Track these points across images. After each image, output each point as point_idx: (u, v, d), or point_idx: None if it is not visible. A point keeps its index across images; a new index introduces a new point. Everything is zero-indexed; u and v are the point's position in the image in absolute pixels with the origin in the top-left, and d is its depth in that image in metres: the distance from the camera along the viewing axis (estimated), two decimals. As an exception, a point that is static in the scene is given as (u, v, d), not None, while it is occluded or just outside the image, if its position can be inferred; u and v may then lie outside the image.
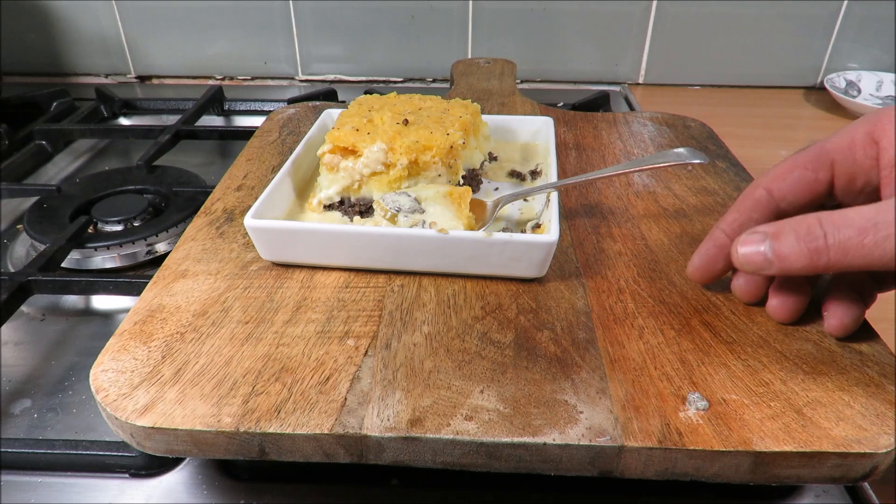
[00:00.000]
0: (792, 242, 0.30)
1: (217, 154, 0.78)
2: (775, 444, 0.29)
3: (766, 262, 0.31)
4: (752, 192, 0.34)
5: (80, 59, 0.95)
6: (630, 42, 0.92)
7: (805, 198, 0.33)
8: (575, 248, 0.43)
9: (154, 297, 0.39)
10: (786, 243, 0.30)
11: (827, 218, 0.29)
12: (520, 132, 0.56)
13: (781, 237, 0.30)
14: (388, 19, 0.91)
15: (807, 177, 0.32)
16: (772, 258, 0.30)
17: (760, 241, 0.31)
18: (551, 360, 0.34)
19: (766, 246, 0.30)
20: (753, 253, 0.31)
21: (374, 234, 0.39)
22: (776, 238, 0.30)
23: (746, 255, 0.31)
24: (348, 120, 0.47)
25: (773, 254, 0.30)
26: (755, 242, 0.31)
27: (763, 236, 0.31)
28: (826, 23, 0.88)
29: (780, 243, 0.30)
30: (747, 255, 0.31)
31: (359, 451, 0.30)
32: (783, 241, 0.30)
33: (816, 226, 0.29)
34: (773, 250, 0.30)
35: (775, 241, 0.30)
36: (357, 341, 0.35)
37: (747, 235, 0.31)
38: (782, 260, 0.30)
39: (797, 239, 0.29)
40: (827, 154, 0.32)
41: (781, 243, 0.30)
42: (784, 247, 0.30)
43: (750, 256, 0.31)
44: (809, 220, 0.29)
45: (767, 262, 0.31)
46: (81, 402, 0.42)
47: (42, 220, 0.57)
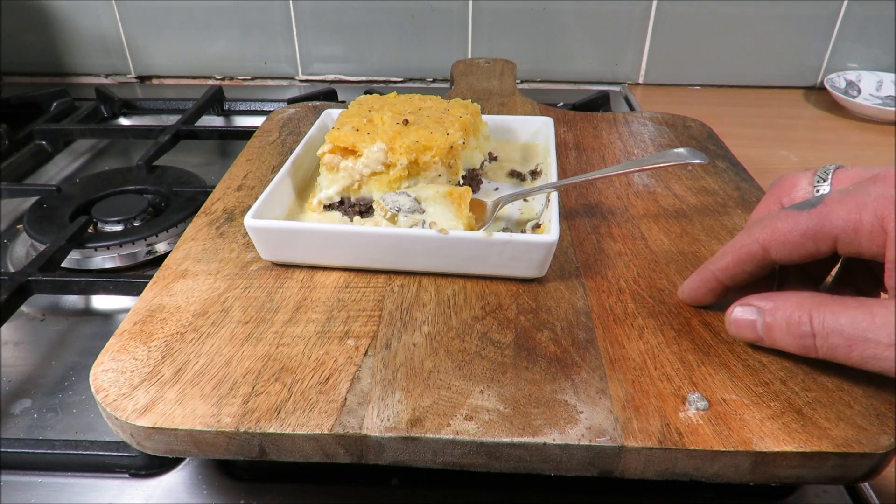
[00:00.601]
0: (783, 330, 0.30)
1: (217, 154, 0.78)
2: (775, 444, 0.29)
3: (758, 338, 0.32)
4: (748, 245, 0.33)
5: (80, 59, 0.95)
6: (630, 42, 0.92)
7: (802, 261, 0.32)
8: (575, 248, 0.43)
9: (154, 297, 0.39)
10: (777, 330, 0.31)
11: (818, 316, 0.29)
12: (520, 132, 0.56)
13: (774, 325, 0.31)
14: (388, 19, 0.91)
15: (807, 247, 0.31)
16: (762, 335, 0.32)
17: (752, 316, 0.32)
18: (551, 360, 0.34)
19: (759, 323, 0.32)
20: (746, 325, 0.32)
21: (374, 234, 0.39)
22: (768, 313, 0.31)
23: (739, 324, 0.33)
24: (348, 120, 0.47)
25: (763, 332, 0.31)
26: (748, 315, 0.32)
27: (757, 312, 0.32)
28: (826, 23, 0.88)
29: (771, 329, 0.31)
30: (740, 324, 0.33)
31: (359, 451, 0.30)
32: (775, 327, 0.31)
33: (807, 323, 0.29)
34: (765, 330, 0.31)
35: (766, 315, 0.31)
36: (357, 341, 0.35)
37: (741, 307, 0.33)
38: (773, 341, 0.31)
39: (787, 330, 0.30)
40: (830, 230, 0.30)
41: (773, 329, 0.31)
42: (775, 332, 0.31)
43: (742, 327, 0.32)
44: (801, 314, 0.30)
45: (759, 338, 0.32)
46: (81, 402, 0.42)
47: (42, 220, 0.57)
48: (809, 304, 0.30)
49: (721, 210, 0.47)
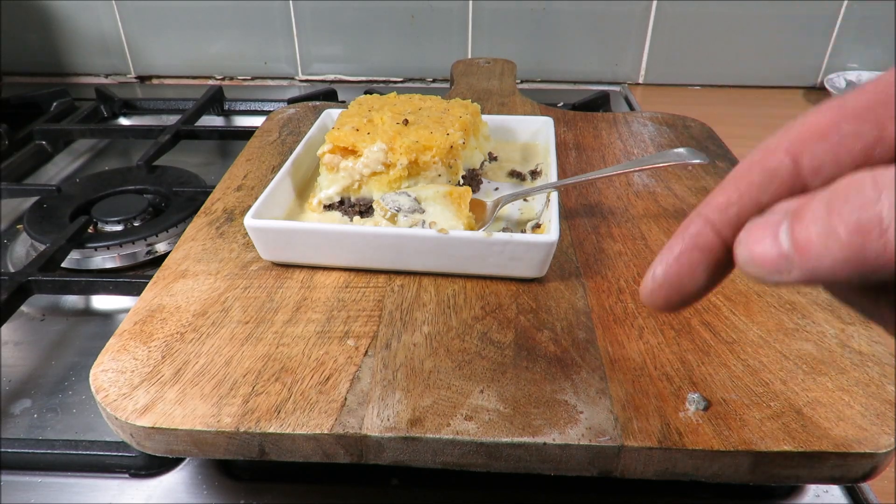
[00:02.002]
0: (823, 221, 0.17)
1: (217, 154, 0.78)
2: (775, 444, 0.29)
3: (783, 260, 0.18)
4: (764, 159, 0.20)
5: (80, 59, 0.95)
6: (630, 42, 0.92)
7: (856, 169, 0.19)
8: (575, 248, 0.43)
9: (154, 297, 0.39)
10: (813, 223, 0.17)
11: (885, 176, 0.17)
12: (520, 132, 0.56)
13: (805, 214, 0.18)
14: (388, 19, 0.91)
15: (864, 135, 0.19)
16: (790, 252, 0.18)
17: (776, 224, 0.19)
18: (551, 360, 0.34)
19: (784, 231, 0.18)
20: (764, 244, 0.19)
21: (374, 234, 0.39)
22: (797, 217, 0.18)
23: (755, 250, 0.19)
24: (348, 120, 0.47)
25: (791, 244, 0.18)
26: (769, 228, 0.19)
27: (782, 216, 0.18)
28: (826, 23, 0.88)
29: (802, 225, 0.18)
30: (757, 249, 0.19)
31: (359, 451, 0.30)
32: (809, 219, 0.17)
33: (870, 185, 0.16)
34: (794, 238, 0.18)
35: (796, 221, 0.18)
36: (357, 341, 0.35)
37: (756, 223, 0.19)
38: (804, 254, 0.17)
39: (829, 212, 0.17)
40: (888, 101, 0.18)
41: (806, 224, 0.17)
42: (809, 230, 0.17)
43: (760, 251, 0.19)
44: (849, 181, 0.17)
45: (784, 258, 0.18)
46: (81, 402, 0.42)
47: (42, 220, 0.57)
48: (866, 172, 0.17)
49: (721, 210, 0.47)
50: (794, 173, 0.20)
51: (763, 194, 0.20)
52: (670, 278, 0.21)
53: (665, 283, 0.21)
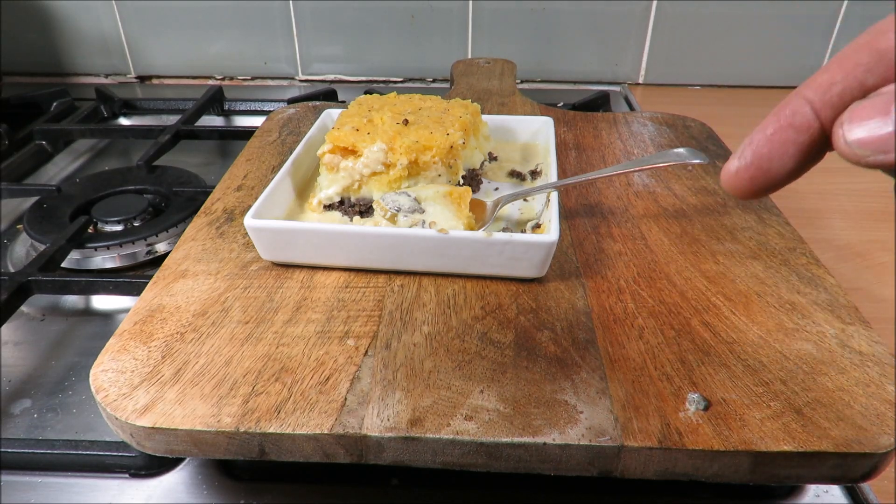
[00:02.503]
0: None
1: (217, 154, 0.78)
2: (775, 444, 0.29)
3: (891, 141, 0.18)
4: (874, 40, 0.20)
5: (80, 59, 0.95)
6: (630, 42, 0.92)
7: None
8: (575, 248, 0.43)
9: (154, 297, 0.39)
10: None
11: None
12: (520, 132, 0.56)
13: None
14: (388, 19, 0.91)
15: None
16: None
17: (885, 105, 0.18)
18: (551, 360, 0.34)
19: (894, 113, 0.17)
20: (872, 124, 0.18)
21: (374, 234, 0.39)
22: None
23: (862, 135, 0.18)
24: (348, 120, 0.47)
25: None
26: (879, 111, 0.18)
27: (891, 98, 0.18)
28: (826, 23, 0.88)
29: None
30: (863, 134, 0.18)
31: (359, 451, 0.30)
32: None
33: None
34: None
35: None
36: (357, 341, 0.35)
37: (863, 103, 0.18)
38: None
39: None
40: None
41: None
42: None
43: (868, 130, 0.18)
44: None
45: (892, 137, 0.17)
46: (81, 402, 0.42)
47: (42, 220, 0.57)
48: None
49: (721, 210, 0.47)
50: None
51: (869, 76, 0.19)
52: (759, 158, 0.20)
53: (753, 164, 0.20)
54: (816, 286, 0.39)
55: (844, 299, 0.38)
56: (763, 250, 0.43)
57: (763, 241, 0.44)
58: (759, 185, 0.20)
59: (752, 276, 0.40)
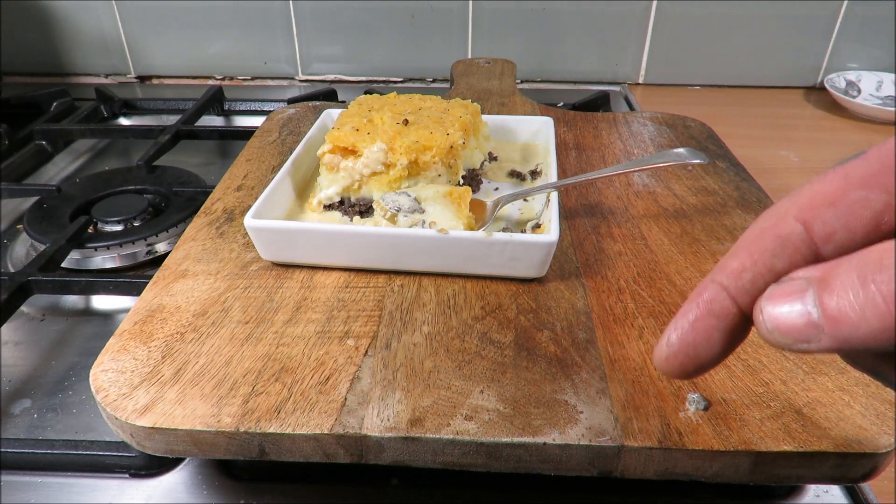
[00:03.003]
0: (855, 288, 0.17)
1: (217, 154, 0.78)
2: (775, 444, 0.29)
3: (812, 329, 0.18)
4: (776, 226, 0.20)
5: (80, 59, 0.95)
6: (630, 42, 0.92)
7: (867, 236, 0.19)
8: (575, 248, 0.43)
9: (154, 297, 0.39)
10: (844, 292, 0.17)
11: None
12: (520, 132, 0.56)
13: (834, 283, 0.18)
14: (388, 19, 0.91)
15: (872, 202, 0.19)
16: (819, 320, 0.18)
17: (800, 293, 0.18)
18: (551, 360, 0.34)
19: (810, 300, 0.18)
20: (790, 313, 0.18)
21: (374, 234, 0.39)
22: (825, 285, 0.18)
23: (778, 318, 0.19)
24: (348, 120, 0.47)
25: (820, 313, 0.18)
26: (793, 296, 0.19)
27: (805, 284, 0.19)
28: (826, 23, 0.88)
29: (833, 294, 0.18)
30: (780, 316, 0.19)
31: (359, 451, 0.30)
32: (839, 288, 0.17)
33: (891, 258, 0.17)
34: (824, 307, 0.18)
35: (824, 290, 0.18)
36: (357, 341, 0.35)
37: (778, 287, 0.19)
38: (837, 323, 0.17)
39: (863, 282, 0.17)
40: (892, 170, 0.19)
41: (837, 293, 0.17)
42: (842, 299, 0.17)
43: (784, 319, 0.19)
44: (881, 251, 0.17)
45: (813, 327, 0.18)
46: (81, 402, 0.42)
47: (42, 220, 0.57)
48: (886, 244, 0.17)
49: (721, 210, 0.47)
50: (807, 240, 0.20)
51: (777, 261, 0.20)
52: (686, 346, 0.21)
53: (680, 351, 0.21)
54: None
55: (844, 299, 0.38)
56: (763, 250, 0.43)
57: (763, 241, 0.43)
58: (691, 369, 0.21)
59: (752, 276, 0.40)
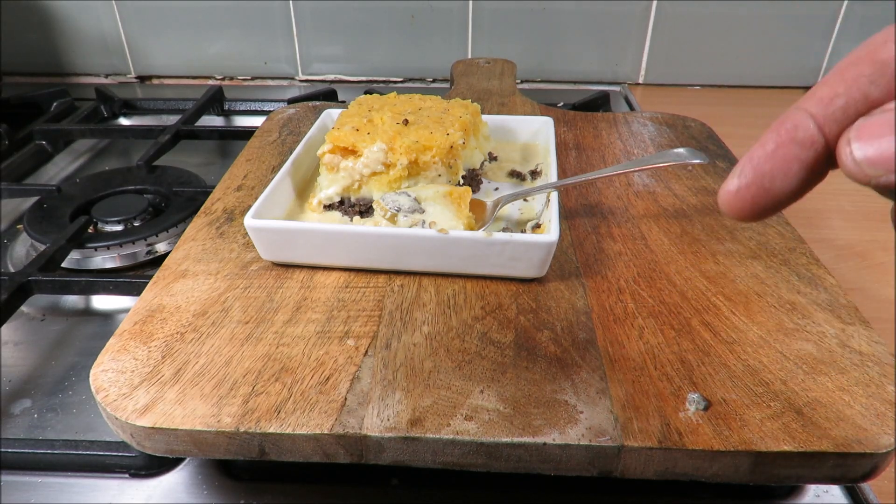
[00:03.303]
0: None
1: (217, 154, 0.78)
2: (775, 444, 0.29)
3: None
4: (874, 52, 0.18)
5: (80, 59, 0.95)
6: (630, 42, 0.92)
7: None
8: (575, 248, 0.43)
9: (154, 297, 0.39)
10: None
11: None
12: (520, 132, 0.56)
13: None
14: (388, 19, 0.91)
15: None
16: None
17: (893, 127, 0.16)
18: (551, 360, 0.34)
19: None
20: (883, 143, 0.17)
21: (374, 234, 0.39)
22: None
23: (871, 150, 0.17)
24: (348, 120, 0.47)
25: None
26: (886, 124, 0.17)
27: None
28: (826, 23, 0.88)
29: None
30: (873, 149, 0.17)
31: (359, 451, 0.30)
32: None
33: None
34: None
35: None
36: (357, 341, 0.35)
37: (871, 118, 0.17)
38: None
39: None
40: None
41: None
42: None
43: (878, 150, 0.17)
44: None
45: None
46: (81, 402, 0.42)
47: (42, 220, 0.57)
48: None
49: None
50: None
51: (873, 88, 0.18)
52: (761, 177, 0.19)
53: (755, 182, 0.19)
54: (816, 286, 0.39)
55: (844, 299, 0.38)
56: (763, 250, 0.43)
57: (763, 241, 0.44)
58: (762, 206, 0.19)
59: (752, 276, 0.40)
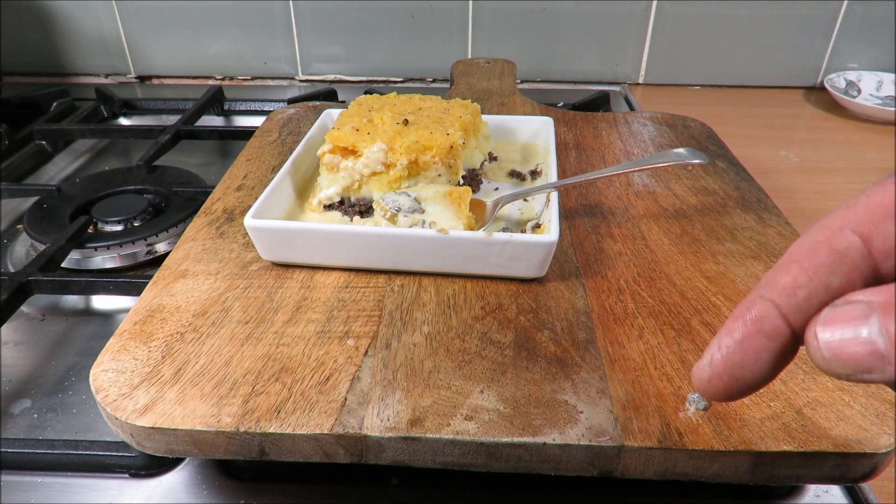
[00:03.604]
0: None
1: (217, 154, 0.78)
2: (775, 444, 0.29)
3: (875, 359, 0.17)
4: (831, 239, 0.19)
5: (80, 59, 0.95)
6: (630, 42, 0.92)
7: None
8: (575, 248, 0.43)
9: (154, 297, 0.39)
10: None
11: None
12: (520, 132, 0.56)
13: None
14: (388, 19, 0.91)
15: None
16: (885, 350, 0.16)
17: (862, 318, 0.17)
18: (551, 360, 0.34)
19: (875, 327, 0.17)
20: (851, 341, 0.17)
21: (374, 234, 0.39)
22: (891, 311, 0.16)
23: (837, 346, 0.17)
24: (348, 120, 0.47)
25: (887, 342, 0.16)
26: (853, 321, 0.17)
27: (867, 309, 0.17)
28: (826, 23, 0.88)
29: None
30: (839, 344, 0.17)
31: (359, 451, 0.30)
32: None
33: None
34: (890, 335, 0.16)
35: (891, 316, 0.16)
36: (357, 341, 0.35)
37: (835, 311, 0.18)
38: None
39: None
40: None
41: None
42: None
43: (844, 347, 0.17)
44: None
45: (877, 357, 0.17)
46: (81, 402, 0.42)
47: (42, 220, 0.57)
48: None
49: (721, 210, 0.47)
50: (865, 255, 0.18)
51: (834, 278, 0.18)
52: (731, 366, 0.20)
53: (725, 372, 0.20)
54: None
55: (844, 299, 0.38)
56: (763, 250, 0.43)
57: (763, 241, 0.44)
58: (735, 392, 0.20)
59: (752, 276, 0.40)
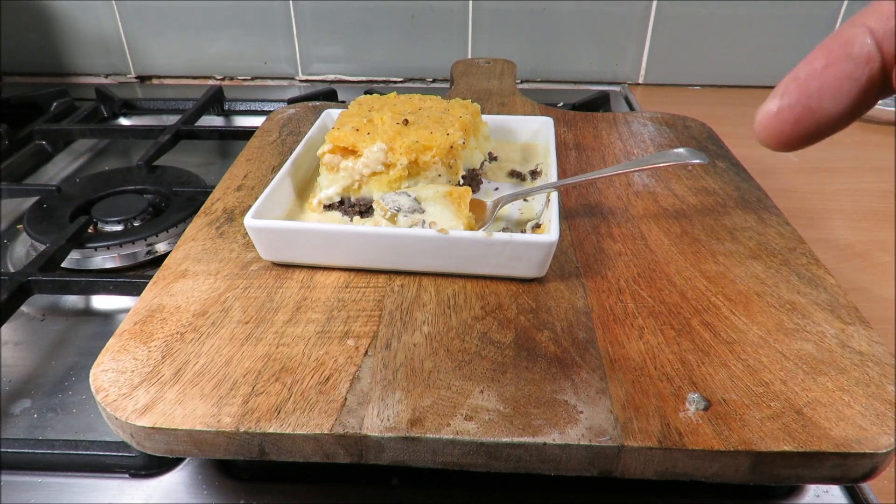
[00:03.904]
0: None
1: (217, 154, 0.78)
2: (775, 444, 0.29)
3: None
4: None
5: (80, 59, 0.95)
6: (630, 42, 0.92)
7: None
8: (575, 248, 0.43)
9: (154, 297, 0.39)
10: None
11: None
12: (520, 132, 0.56)
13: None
14: (388, 19, 0.91)
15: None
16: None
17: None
18: (551, 360, 0.34)
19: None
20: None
21: (374, 234, 0.39)
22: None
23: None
24: (348, 120, 0.47)
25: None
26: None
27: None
28: (826, 23, 0.88)
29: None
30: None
31: (359, 451, 0.30)
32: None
33: None
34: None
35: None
36: (357, 341, 0.35)
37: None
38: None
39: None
40: None
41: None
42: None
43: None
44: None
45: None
46: (81, 402, 0.42)
47: (42, 220, 0.57)
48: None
49: (721, 210, 0.47)
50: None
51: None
52: (807, 96, 0.16)
53: (799, 103, 0.16)
54: (816, 286, 0.39)
55: (844, 299, 0.38)
56: (763, 250, 0.43)
57: (763, 241, 0.44)
58: (805, 130, 0.16)
59: (752, 276, 0.40)
